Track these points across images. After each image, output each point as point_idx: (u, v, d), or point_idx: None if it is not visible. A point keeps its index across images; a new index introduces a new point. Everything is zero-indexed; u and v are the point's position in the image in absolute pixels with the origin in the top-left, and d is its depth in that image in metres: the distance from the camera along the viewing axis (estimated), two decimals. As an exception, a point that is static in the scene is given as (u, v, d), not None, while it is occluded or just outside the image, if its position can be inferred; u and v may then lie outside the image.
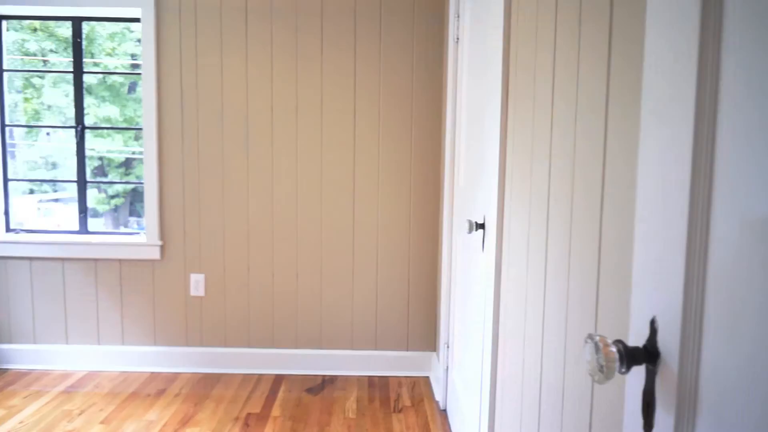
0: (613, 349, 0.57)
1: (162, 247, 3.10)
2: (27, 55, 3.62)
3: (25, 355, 3.16)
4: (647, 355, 0.58)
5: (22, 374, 3.09)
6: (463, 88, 2.41)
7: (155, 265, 3.12)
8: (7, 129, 3.21)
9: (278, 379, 3.06)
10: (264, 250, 3.10)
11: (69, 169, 3.34)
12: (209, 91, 3.03)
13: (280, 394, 2.86)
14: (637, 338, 0.61)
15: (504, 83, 1.59)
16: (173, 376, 3.08)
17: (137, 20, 3.11)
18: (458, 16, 2.52)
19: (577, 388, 1.03)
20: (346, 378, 3.10)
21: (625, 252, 0.82)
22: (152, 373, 3.13)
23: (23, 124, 3.39)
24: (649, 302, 0.58)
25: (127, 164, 4.50)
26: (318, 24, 2.99)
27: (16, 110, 3.36)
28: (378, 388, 2.96)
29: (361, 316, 3.13)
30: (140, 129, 3.22)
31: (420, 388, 2.98)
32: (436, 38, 3.00)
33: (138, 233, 3.24)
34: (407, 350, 3.14)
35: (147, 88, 3.01)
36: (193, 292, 3.11)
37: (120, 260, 3.11)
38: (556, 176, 1.16)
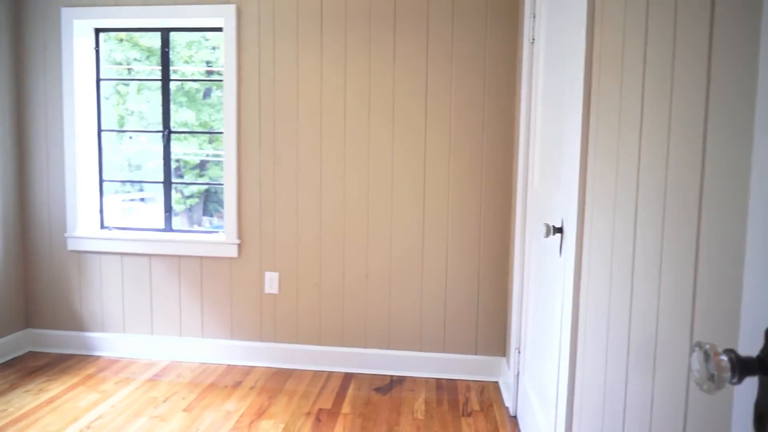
0: (725, 358, 0.55)
1: (239, 246, 3.24)
2: (114, 64, 3.89)
3: (114, 344, 3.40)
4: (762, 365, 0.55)
5: (112, 361, 3.33)
6: (539, 89, 2.37)
7: (233, 263, 3.26)
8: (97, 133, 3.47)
9: (347, 377, 3.12)
10: (335, 250, 3.17)
11: (150, 171, 3.57)
12: (285, 96, 3.14)
13: (350, 392, 2.92)
14: (748, 348, 0.59)
15: (586, 84, 1.55)
16: (248, 370, 3.22)
17: (218, 29, 3.27)
18: (534, 16, 2.48)
19: (668, 400, 0.99)
20: (414, 379, 3.11)
21: (728, 259, 0.79)
22: (229, 365, 3.28)
23: (115, 129, 3.64)
24: (765, 311, 0.56)
25: (201, 166, 4.74)
26: (391, 27, 3.03)
27: (102, 116, 3.62)
28: (446, 391, 2.96)
29: (429, 318, 3.14)
30: (221, 133, 3.39)
31: (489, 392, 2.95)
32: (509, 39, 2.97)
33: (217, 232, 3.40)
34: (476, 354, 3.12)
35: (228, 94, 3.16)
36: (267, 290, 3.24)
37: (201, 257, 3.28)
38: (645, 180, 1.13)
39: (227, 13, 3.10)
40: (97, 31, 3.41)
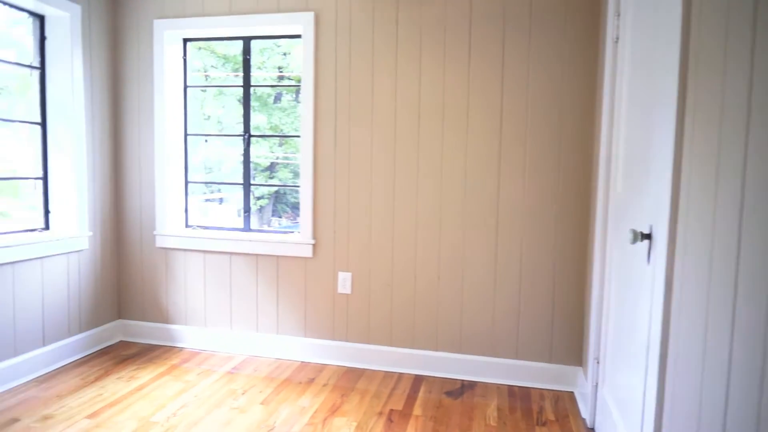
0: None
1: (314, 246, 3.33)
2: (193, 71, 4.10)
3: (196, 337, 3.58)
4: None
5: (194, 353, 3.51)
6: (624, 90, 2.28)
7: (308, 263, 3.35)
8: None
9: (418, 380, 3.13)
10: (407, 252, 3.19)
11: (224, 172, 3.73)
12: (360, 101, 3.19)
13: (421, 394, 2.92)
14: None
15: (681, 83, 1.48)
16: (321, 367, 3.29)
17: (296, 36, 3.38)
18: (618, 15, 2.39)
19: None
20: (486, 385, 3.07)
21: None
22: (302, 362, 3.37)
23: (200, 133, 3.83)
24: None
25: (271, 168, 4.90)
26: (466, 30, 3.02)
27: (188, 121, 3.82)
28: (519, 399, 2.90)
29: (502, 324, 3.09)
30: (297, 137, 3.49)
31: (564, 402, 2.86)
32: (589, 39, 2.87)
33: (287, 232, 3.51)
34: (550, 362, 3.03)
35: (305, 99, 3.25)
36: (340, 290, 3.30)
37: (277, 256, 3.40)
38: (752, 185, 1.06)
39: (306, 20, 3.20)
40: (185, 41, 3.61)
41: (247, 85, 3.52)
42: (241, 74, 3.57)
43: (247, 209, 3.59)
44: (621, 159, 2.29)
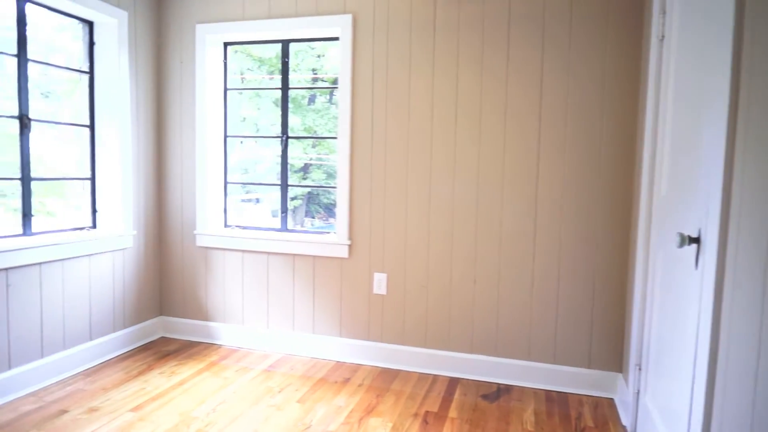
0: None
1: (350, 247, 3.35)
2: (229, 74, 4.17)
3: (234, 334, 3.65)
4: None
5: (232, 350, 3.58)
6: (670, 89, 2.22)
7: (343, 263, 3.38)
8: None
9: (453, 382, 3.11)
10: (443, 253, 3.18)
11: (258, 173, 3.79)
12: (397, 103, 3.20)
13: (456, 397, 2.91)
14: None
15: (733, 82, 1.43)
16: (356, 367, 3.31)
17: (334, 39, 3.41)
18: (664, 12, 2.33)
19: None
20: (522, 389, 3.03)
21: None
22: (337, 362, 3.40)
23: (239, 135, 3.91)
24: None
25: (305, 169, 4.96)
26: (505, 31, 2.99)
27: (227, 123, 3.89)
28: (557, 404, 2.85)
29: (539, 328, 3.04)
30: (336, 138, 3.53)
31: (603, 409, 2.80)
32: (632, 37, 2.81)
33: (329, 233, 3.54)
34: (589, 368, 2.97)
35: (342, 101, 3.28)
36: (375, 290, 3.31)
37: (314, 257, 3.44)
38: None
39: (344, 23, 3.23)
40: (226, 44, 3.69)
41: (285, 87, 3.57)
42: (275, 76, 3.62)
43: (284, 210, 3.64)
44: (666, 160, 2.23)
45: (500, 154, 3.04)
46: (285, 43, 3.55)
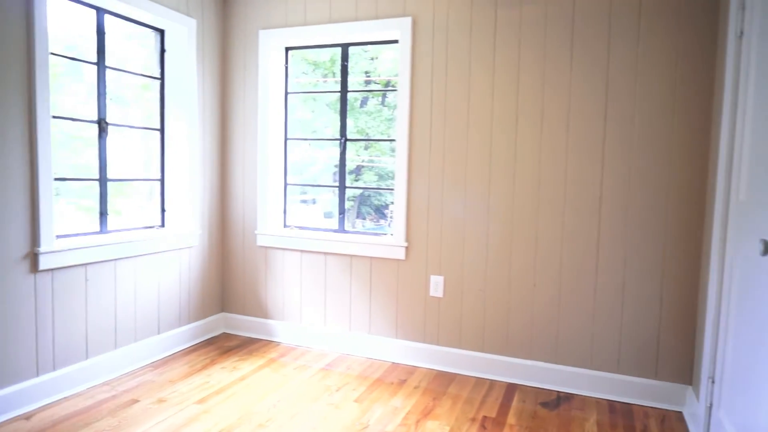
0: None
1: (407, 249, 3.36)
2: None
3: (292, 332, 3.73)
4: None
5: (290, 348, 3.65)
6: (750, 89, 2.10)
7: (400, 265, 3.39)
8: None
9: (511, 388, 3.06)
10: (501, 257, 3.13)
11: (311, 175, 3.86)
12: (456, 105, 3.18)
13: (514, 403, 2.86)
14: None
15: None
16: (412, 369, 3.31)
17: (393, 42, 3.43)
18: (743, 8, 2.21)
19: None
20: (584, 398, 2.95)
21: None
22: (393, 363, 3.41)
23: (299, 137, 3.99)
24: None
25: (357, 171, 5.00)
26: (568, 30, 2.92)
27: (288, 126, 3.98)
28: (620, 415, 2.75)
29: (602, 335, 2.95)
30: (392, 140, 3.55)
31: (671, 422, 2.68)
32: (707, 34, 2.68)
33: (386, 234, 3.56)
34: (655, 379, 2.86)
35: (401, 103, 3.29)
36: (432, 293, 3.31)
37: (371, 258, 3.47)
38: None
39: (404, 25, 3.24)
40: (287, 49, 3.78)
41: (344, 90, 3.62)
42: (329, 79, 3.68)
43: (341, 211, 3.69)
44: (745, 164, 2.11)
45: (563, 156, 2.97)
46: (344, 47, 3.60)
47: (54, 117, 2.77)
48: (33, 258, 2.61)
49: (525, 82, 3.03)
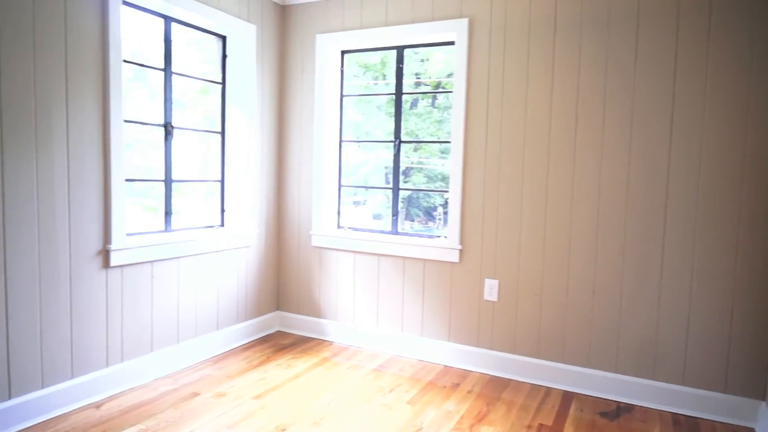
0: None
1: (461, 252, 3.33)
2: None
3: (345, 332, 3.77)
4: None
5: (342, 348, 3.70)
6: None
7: (454, 268, 3.37)
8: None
9: (567, 396, 2.98)
10: (559, 261, 3.06)
11: (361, 176, 3.88)
12: (513, 108, 3.14)
13: (572, 412, 2.79)
14: None
15: None
16: (465, 373, 3.28)
17: (448, 43, 3.41)
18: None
19: None
20: (645, 410, 2.84)
21: None
22: (445, 366, 3.39)
23: (352, 139, 4.03)
24: None
25: (406, 173, 4.99)
26: (633, 30, 2.82)
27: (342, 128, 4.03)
28: (686, 429, 2.63)
29: (666, 344, 2.83)
30: (446, 142, 3.53)
31: (742, 439, 2.55)
32: (785, 29, 2.53)
33: (440, 237, 3.55)
34: (725, 392, 2.71)
35: (456, 105, 3.28)
36: (486, 297, 3.27)
37: (424, 260, 3.46)
38: None
39: (460, 27, 3.22)
40: (343, 52, 3.83)
41: (399, 92, 3.64)
42: (380, 82, 3.71)
43: (395, 213, 3.71)
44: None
45: (625, 160, 2.88)
46: (399, 49, 3.61)
47: (125, 121, 2.91)
48: (105, 255, 2.75)
49: (586, 83, 2.95)
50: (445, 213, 3.76)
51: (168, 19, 3.15)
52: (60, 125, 2.50)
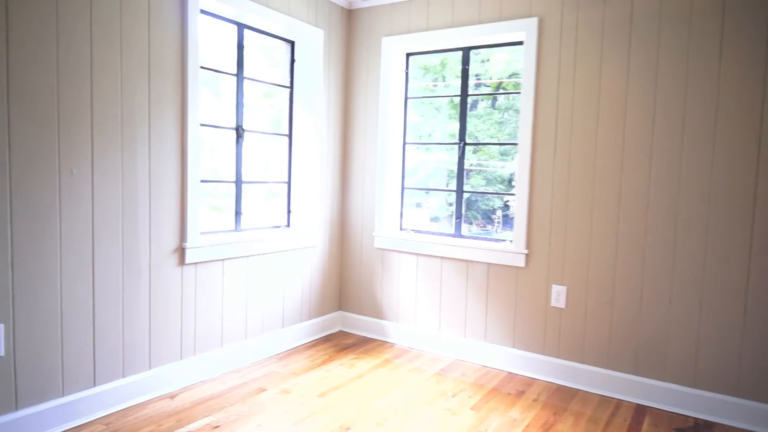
0: None
1: (527, 256, 3.26)
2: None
3: (406, 334, 3.77)
4: None
5: (404, 350, 3.70)
6: None
7: (519, 273, 3.30)
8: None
9: (640, 409, 2.85)
10: (632, 269, 2.93)
11: (419, 178, 3.86)
12: (584, 107, 3.03)
13: (645, 427, 2.66)
14: None
15: None
16: (530, 381, 3.21)
17: (516, 44, 3.34)
18: None
19: None
20: (727, 428, 2.67)
21: None
22: (509, 373, 3.32)
23: (416, 141, 4.02)
24: None
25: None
26: (718, 22, 2.66)
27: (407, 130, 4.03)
28: (774, 452, 2.46)
29: (753, 360, 2.65)
30: (515, 144, 3.47)
31: (839, 467, 2.34)
32: None
33: (504, 241, 3.48)
34: (819, 414, 2.51)
35: (524, 106, 3.21)
36: (553, 303, 3.18)
37: (488, 264, 3.41)
38: None
39: (529, 26, 3.15)
40: (408, 55, 3.84)
41: (464, 94, 3.61)
42: (439, 84, 3.68)
43: (458, 215, 3.67)
44: None
45: (707, 164, 2.71)
46: (465, 51, 3.58)
47: (201, 125, 3.04)
48: (181, 252, 2.88)
49: (664, 83, 2.81)
50: (504, 216, 3.69)
51: (241, 26, 3.26)
52: (143, 129, 2.64)
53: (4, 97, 2.13)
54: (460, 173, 3.65)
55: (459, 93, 3.64)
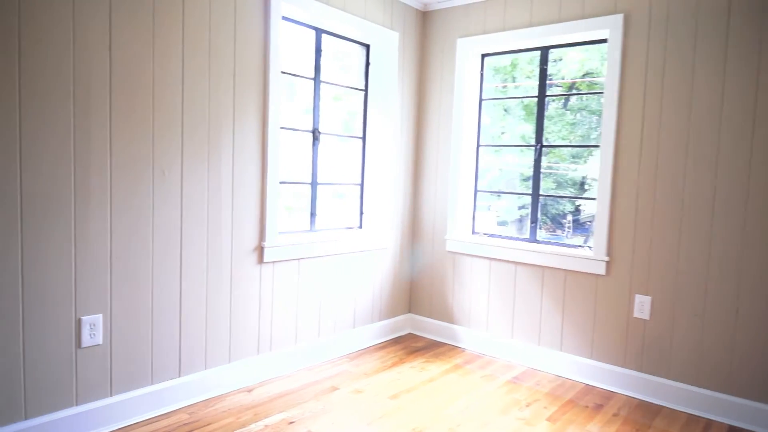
0: None
1: (608, 264, 3.11)
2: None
3: (477, 340, 3.71)
4: None
5: (475, 356, 3.64)
6: None
7: (599, 281, 3.16)
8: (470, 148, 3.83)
9: (733, 431, 2.66)
10: (727, 281, 2.73)
11: (487, 181, 3.77)
12: (674, 108, 2.86)
13: (740, 451, 2.47)
14: None
15: None
16: (609, 394, 3.06)
17: (598, 42, 3.21)
18: None
19: None
20: (836, 459, 2.43)
21: None
22: (587, 385, 3.19)
23: (491, 143, 3.96)
24: None
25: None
26: (831, 14, 2.44)
27: (480, 132, 3.96)
28: None
29: None
30: (594, 146, 3.33)
31: None
32: None
33: (582, 247, 3.35)
34: None
35: (608, 107, 3.07)
36: (636, 314, 3.02)
37: (565, 271, 3.29)
38: None
39: (614, 23, 3.02)
40: (483, 56, 3.78)
41: (542, 95, 3.51)
42: (509, 85, 3.59)
43: (533, 220, 3.57)
44: None
45: (816, 166, 2.49)
46: (544, 50, 3.48)
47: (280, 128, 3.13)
48: (260, 251, 2.98)
49: (766, 85, 2.60)
50: (575, 221, 3.56)
51: (319, 31, 3.33)
52: (227, 132, 2.76)
53: (107, 105, 2.29)
54: (536, 176, 3.55)
55: (536, 94, 3.54)
